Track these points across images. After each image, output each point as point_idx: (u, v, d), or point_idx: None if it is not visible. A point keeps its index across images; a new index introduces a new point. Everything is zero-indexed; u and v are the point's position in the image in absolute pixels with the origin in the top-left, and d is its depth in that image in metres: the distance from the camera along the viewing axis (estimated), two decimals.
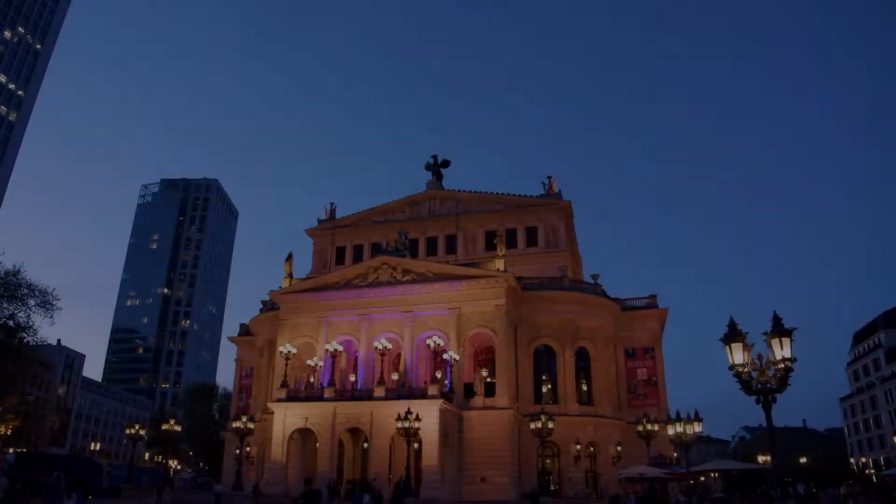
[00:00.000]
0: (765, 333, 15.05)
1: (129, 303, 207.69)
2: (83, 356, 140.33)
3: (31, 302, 56.51)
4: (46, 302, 56.76)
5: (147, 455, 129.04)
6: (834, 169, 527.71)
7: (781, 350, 14.74)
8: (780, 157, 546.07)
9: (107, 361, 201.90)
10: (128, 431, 61.37)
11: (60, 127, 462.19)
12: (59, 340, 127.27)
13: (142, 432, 61.84)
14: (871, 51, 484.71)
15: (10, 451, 74.96)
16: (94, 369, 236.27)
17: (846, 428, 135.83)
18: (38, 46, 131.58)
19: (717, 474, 68.86)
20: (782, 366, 14.69)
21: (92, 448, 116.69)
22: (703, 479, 73.55)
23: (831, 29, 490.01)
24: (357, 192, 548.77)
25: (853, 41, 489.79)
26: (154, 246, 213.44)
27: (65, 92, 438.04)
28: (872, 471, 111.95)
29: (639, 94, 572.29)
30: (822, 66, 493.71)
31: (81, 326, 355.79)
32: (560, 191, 69.74)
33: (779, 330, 14.87)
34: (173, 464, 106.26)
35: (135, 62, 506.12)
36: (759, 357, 15.19)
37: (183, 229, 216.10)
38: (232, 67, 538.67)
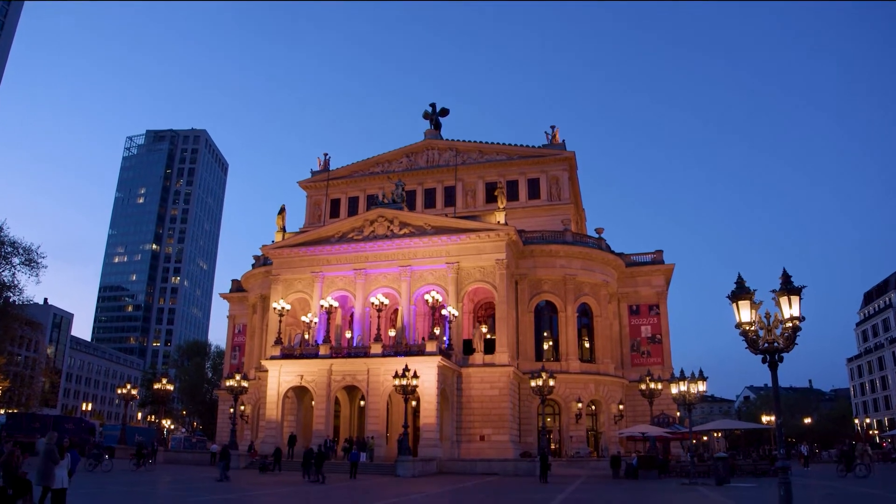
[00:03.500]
0: (773, 291, 15.06)
1: (116, 260, 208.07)
2: (71, 315, 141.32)
3: (16, 260, 56.52)
4: (31, 260, 56.77)
5: (140, 415, 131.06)
6: (851, 124, 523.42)
7: (790, 308, 14.75)
8: (795, 109, 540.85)
9: (96, 320, 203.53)
10: (119, 391, 62.13)
11: (37, 81, 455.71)
12: (45, 299, 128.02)
13: (134, 392, 62.52)
14: None
15: (2, 412, 76.01)
16: (83, 328, 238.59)
17: (852, 389, 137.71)
18: None
19: (720, 434, 70.14)
20: (790, 325, 14.72)
21: (84, 409, 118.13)
22: (705, 438, 74.89)
23: None
24: (352, 142, 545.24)
25: None
26: (141, 200, 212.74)
27: (40, 46, 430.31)
28: (877, 431, 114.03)
29: (646, 39, 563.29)
30: (842, 16, 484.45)
31: (69, 285, 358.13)
32: (564, 141, 69.23)
33: (787, 288, 14.85)
34: (167, 423, 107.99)
35: (113, 9, 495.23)
36: (767, 315, 15.24)
37: (171, 183, 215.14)
38: (220, 16, 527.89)
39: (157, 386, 62.74)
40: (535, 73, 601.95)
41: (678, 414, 57.12)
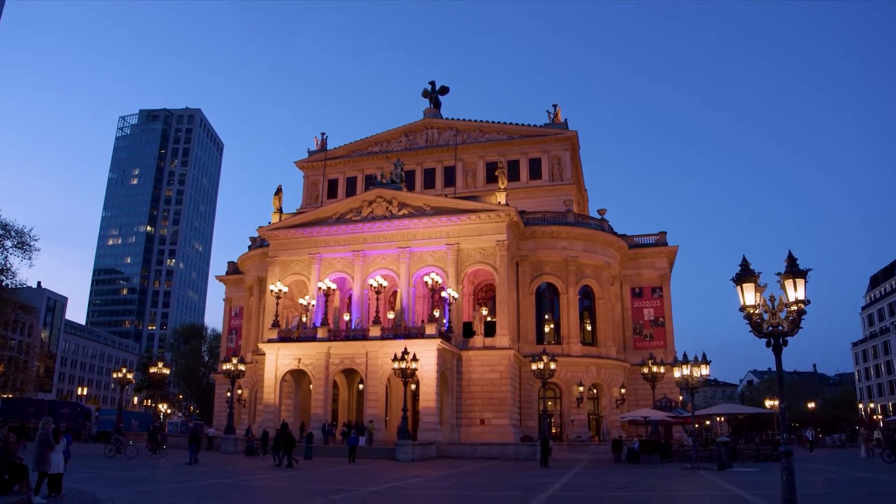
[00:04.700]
0: (778, 274, 15.05)
1: (110, 242, 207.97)
2: (65, 299, 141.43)
3: (8, 243, 56.20)
4: (23, 242, 56.42)
5: (136, 399, 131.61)
6: (856, 107, 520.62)
7: (795, 292, 14.74)
8: (799, 92, 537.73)
9: (90, 304, 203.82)
10: (115, 375, 62.28)
11: (26, 61, 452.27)
12: (39, 283, 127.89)
13: (129, 376, 62.59)
14: None
15: None
16: (77, 312, 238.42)
17: (857, 373, 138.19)
18: None
19: (723, 418, 70.43)
20: (795, 308, 14.73)
21: (79, 393, 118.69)
22: (708, 423, 75.24)
23: None
24: (350, 122, 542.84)
25: None
26: (135, 181, 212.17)
27: (29, 26, 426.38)
28: (880, 416, 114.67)
29: (648, 21, 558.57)
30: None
31: (62, 268, 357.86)
32: (566, 120, 68.90)
33: (793, 270, 14.83)
34: (163, 408, 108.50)
35: None
36: (772, 298, 15.23)
37: (165, 163, 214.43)
38: None
39: (153, 370, 62.71)
40: (536, 55, 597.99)
41: (681, 398, 57.30)
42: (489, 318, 54.89)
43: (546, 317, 58.26)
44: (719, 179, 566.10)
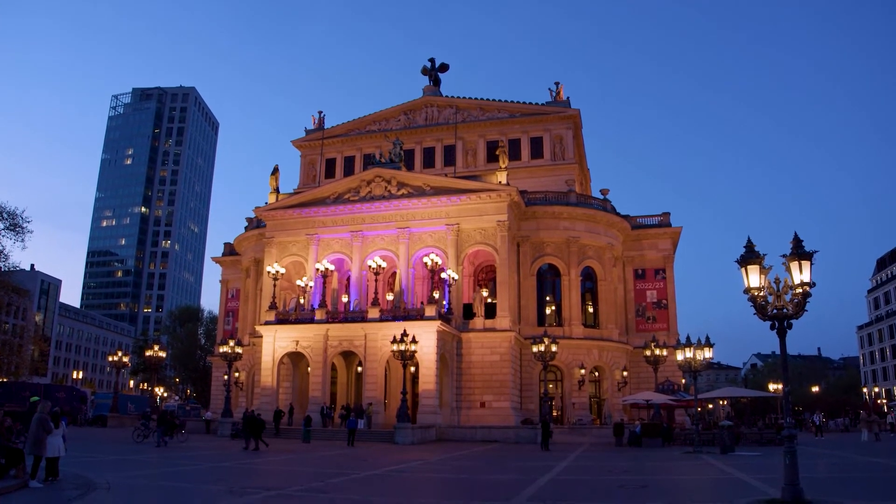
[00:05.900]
0: (783, 256, 15.04)
1: (104, 223, 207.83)
2: (59, 281, 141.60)
3: (0, 225, 56.27)
4: (16, 224, 56.42)
5: (132, 383, 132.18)
6: (859, 90, 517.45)
7: (800, 274, 14.74)
8: (803, 76, 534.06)
9: (85, 286, 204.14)
10: (111, 359, 62.60)
11: (17, 40, 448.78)
12: (32, 266, 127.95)
13: (125, 359, 62.99)
14: None
15: None
16: (71, 295, 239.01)
17: (861, 357, 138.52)
18: None
19: (726, 402, 70.75)
20: (800, 290, 14.74)
21: (75, 377, 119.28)
22: (711, 406, 75.64)
23: None
24: (348, 101, 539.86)
25: None
26: (129, 161, 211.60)
27: (18, 3, 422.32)
28: (885, 401, 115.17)
29: (650, 2, 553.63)
30: None
31: (56, 250, 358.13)
32: (568, 98, 68.62)
33: (798, 252, 14.82)
34: (160, 391, 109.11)
35: None
36: (777, 281, 15.24)
37: (159, 143, 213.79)
38: None
39: (148, 353, 63.12)
40: (539, 34, 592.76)
41: (683, 381, 57.52)
42: (490, 300, 54.99)
43: (547, 298, 58.35)
44: (724, 162, 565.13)
